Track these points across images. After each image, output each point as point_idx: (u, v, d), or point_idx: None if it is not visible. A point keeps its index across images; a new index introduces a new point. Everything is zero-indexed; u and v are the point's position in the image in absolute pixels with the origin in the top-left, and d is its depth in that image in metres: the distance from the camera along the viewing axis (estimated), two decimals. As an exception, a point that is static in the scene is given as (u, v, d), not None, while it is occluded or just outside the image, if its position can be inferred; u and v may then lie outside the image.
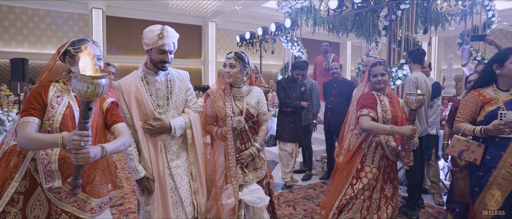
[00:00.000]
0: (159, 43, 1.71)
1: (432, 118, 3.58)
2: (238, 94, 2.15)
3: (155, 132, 1.77)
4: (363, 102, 2.12)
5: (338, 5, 4.79)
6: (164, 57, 1.76)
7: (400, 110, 2.22)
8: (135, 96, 1.77)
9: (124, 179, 4.33)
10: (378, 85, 2.17)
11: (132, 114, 1.76)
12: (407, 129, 1.95)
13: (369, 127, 2.00)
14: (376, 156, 2.15)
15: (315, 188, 3.99)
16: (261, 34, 6.97)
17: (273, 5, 13.27)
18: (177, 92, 1.89)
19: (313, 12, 6.47)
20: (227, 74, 2.09)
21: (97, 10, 12.20)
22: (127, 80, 1.80)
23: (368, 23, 5.88)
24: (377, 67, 2.17)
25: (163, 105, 1.84)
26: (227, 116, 2.05)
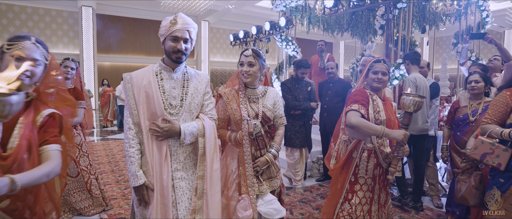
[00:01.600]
0: (172, 29, 1.55)
1: (431, 119, 3.52)
2: (253, 96, 1.99)
3: (162, 135, 1.55)
4: (354, 97, 1.95)
5: (334, 3, 4.71)
6: (177, 45, 1.56)
7: (393, 114, 2.06)
8: (146, 91, 1.58)
9: (114, 182, 4.17)
10: (376, 83, 2.00)
11: (139, 111, 1.58)
12: (399, 133, 1.76)
13: (356, 123, 1.81)
14: (370, 165, 1.97)
15: (311, 191, 3.90)
16: (255, 33, 6.86)
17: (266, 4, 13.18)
18: (192, 93, 1.69)
19: (308, 11, 6.39)
20: (245, 73, 1.90)
21: (87, 8, 11.93)
22: (140, 74, 1.63)
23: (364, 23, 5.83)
24: (380, 65, 2.00)
25: (175, 106, 1.63)
26: (243, 119, 1.87)
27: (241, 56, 1.93)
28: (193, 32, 1.62)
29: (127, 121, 1.60)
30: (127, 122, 1.59)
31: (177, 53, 1.58)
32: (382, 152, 1.94)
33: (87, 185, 2.86)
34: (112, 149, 6.28)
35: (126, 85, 1.61)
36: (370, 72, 2.02)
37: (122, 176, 4.40)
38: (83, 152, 2.88)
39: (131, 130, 1.58)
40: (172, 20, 1.56)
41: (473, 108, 2.83)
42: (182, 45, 1.57)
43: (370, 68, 2.03)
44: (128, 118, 1.60)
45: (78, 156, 2.84)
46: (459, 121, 2.90)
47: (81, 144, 2.87)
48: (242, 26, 15.67)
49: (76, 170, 2.82)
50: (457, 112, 2.98)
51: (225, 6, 12.95)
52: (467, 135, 2.77)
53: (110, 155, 5.69)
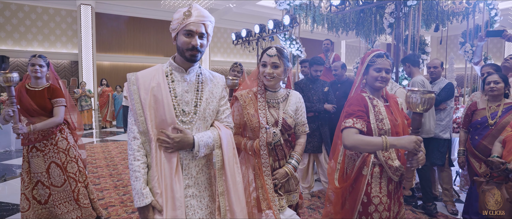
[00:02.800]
0: (185, 22, 1.33)
1: (445, 122, 3.36)
2: (273, 100, 1.76)
3: (172, 147, 1.33)
4: (349, 109, 1.64)
5: (341, 1, 4.55)
6: (192, 40, 1.34)
7: (401, 115, 1.75)
8: (154, 94, 1.35)
9: (112, 187, 4.01)
10: (379, 83, 1.67)
11: (146, 117, 1.34)
12: (407, 140, 1.41)
13: (353, 145, 1.52)
14: (383, 181, 1.67)
15: (319, 196, 3.74)
16: (258, 31, 6.69)
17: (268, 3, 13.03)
18: (208, 98, 1.46)
19: (313, 9, 6.23)
20: (268, 76, 1.67)
21: (86, 6, 11.75)
22: (147, 74, 1.40)
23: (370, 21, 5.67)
24: (383, 60, 1.67)
25: (188, 113, 1.40)
26: (261, 127, 1.66)
27: (264, 56, 1.70)
28: (209, 26, 1.40)
29: (132, 129, 1.37)
30: (132, 131, 1.36)
31: (191, 50, 1.36)
32: (391, 166, 1.63)
33: (74, 194, 2.61)
34: (111, 151, 6.12)
35: (131, 87, 1.38)
36: (371, 69, 1.69)
37: (120, 181, 4.24)
38: (70, 158, 2.62)
39: (136, 139, 1.36)
40: (186, 12, 1.34)
41: (492, 111, 2.67)
42: (197, 40, 1.35)
43: (371, 63, 1.70)
44: (132, 126, 1.37)
45: (65, 162, 2.60)
46: (477, 124, 2.74)
47: (68, 149, 2.63)
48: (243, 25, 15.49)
49: (62, 178, 2.57)
50: (475, 114, 2.82)
51: (226, 5, 12.78)
52: (486, 139, 2.61)
53: (108, 158, 5.52)
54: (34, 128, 2.43)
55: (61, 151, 2.58)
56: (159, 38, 13.85)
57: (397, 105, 1.79)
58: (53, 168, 2.55)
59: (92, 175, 4.46)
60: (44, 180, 2.55)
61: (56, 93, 2.58)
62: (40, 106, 2.51)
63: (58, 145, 2.57)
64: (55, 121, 2.53)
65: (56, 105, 2.57)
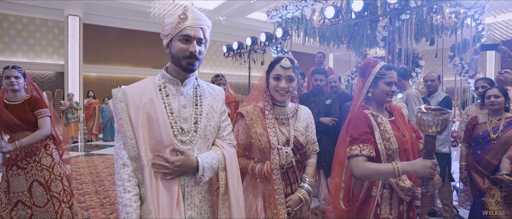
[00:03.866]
0: (181, 26, 1.17)
1: (444, 135, 3.32)
2: (282, 116, 1.58)
3: (173, 172, 1.13)
4: (353, 132, 1.49)
5: (335, 14, 4.55)
6: (189, 46, 1.17)
7: (408, 128, 1.63)
8: (147, 112, 1.16)
9: (98, 205, 3.78)
10: (389, 98, 1.56)
11: (138, 140, 1.13)
12: (421, 166, 1.30)
13: (363, 174, 1.40)
14: (394, 202, 1.55)
15: (316, 213, 3.61)
16: (250, 44, 6.65)
17: (257, 16, 13.12)
18: (208, 113, 1.28)
19: (305, 22, 6.24)
20: (283, 90, 1.49)
21: (74, 17, 11.53)
22: (137, 88, 1.20)
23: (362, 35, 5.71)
24: (393, 73, 1.55)
25: (188, 131, 1.22)
26: (272, 148, 1.46)
27: (277, 68, 1.50)
28: (207, 31, 1.25)
29: (120, 155, 1.15)
30: (120, 157, 1.15)
31: (189, 58, 1.18)
32: (403, 188, 1.51)
33: (58, 216, 2.41)
34: (96, 166, 5.85)
35: (117, 104, 1.17)
36: (381, 83, 1.55)
37: (107, 198, 4.01)
38: (55, 176, 2.42)
39: (126, 167, 1.14)
40: (181, 15, 1.18)
41: (493, 125, 2.64)
42: (195, 46, 1.18)
43: (380, 76, 1.56)
44: (121, 151, 1.15)
45: (49, 181, 2.40)
46: (478, 139, 2.70)
47: (52, 166, 2.43)
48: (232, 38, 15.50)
49: (45, 197, 2.37)
50: (476, 129, 2.78)
51: (216, 18, 12.79)
52: (489, 154, 2.57)
53: (94, 173, 5.27)
54: (20, 145, 2.25)
55: (45, 168, 2.38)
56: (147, 49, 13.69)
57: (403, 118, 1.68)
58: (35, 186, 2.35)
59: (76, 192, 4.21)
60: (26, 200, 2.34)
61: (38, 104, 2.41)
62: (23, 120, 2.33)
63: (42, 162, 2.38)
64: (42, 133, 2.36)
65: (40, 117, 2.39)
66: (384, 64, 1.60)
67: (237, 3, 10.96)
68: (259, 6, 11.28)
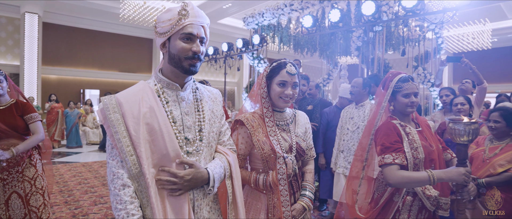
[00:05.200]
0: (182, 23, 1.05)
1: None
2: (282, 122, 1.52)
3: (182, 187, 1.04)
4: (385, 141, 1.52)
5: (312, 23, 4.73)
6: (192, 46, 1.07)
7: (435, 139, 1.66)
8: (148, 123, 1.04)
9: (70, 216, 3.56)
10: (410, 109, 1.59)
11: (140, 155, 1.01)
12: (456, 173, 1.34)
13: (398, 182, 1.43)
14: (414, 210, 1.56)
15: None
16: (226, 50, 6.67)
17: (229, 22, 13.15)
18: (210, 118, 1.20)
19: (280, 29, 6.39)
20: (288, 97, 1.43)
21: (32, 15, 10.77)
22: (132, 96, 1.07)
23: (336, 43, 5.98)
24: (410, 85, 1.59)
25: (193, 140, 1.12)
26: (277, 157, 1.38)
27: (283, 74, 1.42)
28: (208, 30, 1.17)
29: (118, 174, 1.01)
30: (118, 176, 1.01)
31: (191, 59, 1.08)
32: (429, 197, 1.53)
33: None
34: (62, 174, 5.49)
35: (111, 115, 1.03)
36: (399, 96, 1.61)
37: (79, 209, 3.79)
38: (36, 189, 2.24)
39: (126, 188, 1.01)
40: (181, 11, 1.06)
41: (460, 130, 2.91)
42: (199, 46, 1.10)
43: (397, 90, 1.61)
44: (118, 170, 1.02)
45: (29, 194, 2.22)
46: (448, 142, 2.95)
47: (35, 178, 2.26)
48: (203, 43, 15.39)
49: (22, 212, 2.20)
50: (445, 133, 3.04)
51: (188, 22, 12.62)
52: (458, 157, 2.82)
53: (61, 183, 4.94)
54: (17, 151, 2.11)
55: (27, 180, 2.21)
56: (115, 52, 13.14)
57: (430, 129, 1.70)
58: (14, 199, 2.18)
59: (43, 203, 3.93)
60: (1, 213, 2.16)
61: (27, 108, 2.28)
62: (11, 126, 2.18)
63: (24, 172, 2.22)
64: (38, 138, 2.24)
65: (31, 122, 2.27)
66: (400, 77, 1.64)
67: (209, 7, 10.92)
68: (232, 12, 11.33)
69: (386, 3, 4.17)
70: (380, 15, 4.10)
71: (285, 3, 5.58)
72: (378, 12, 3.98)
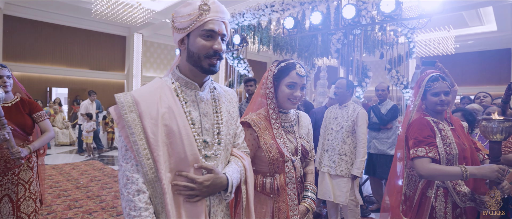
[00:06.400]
0: (203, 19, 0.99)
1: (392, 139, 3.74)
2: (286, 123, 1.49)
3: (200, 193, 0.99)
4: (418, 135, 1.54)
5: (294, 25, 4.80)
6: (213, 43, 1.01)
7: (468, 139, 1.68)
8: (166, 124, 0.98)
9: (45, 221, 3.36)
10: (440, 107, 1.62)
11: (157, 159, 0.95)
12: (489, 169, 1.35)
13: (430, 174, 1.45)
14: (449, 205, 1.56)
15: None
16: (205, 49, 6.60)
17: (206, 21, 13.02)
18: (227, 120, 1.14)
19: (261, 30, 6.43)
20: (297, 99, 1.41)
21: (-7, 7, 10.04)
22: (149, 94, 1.00)
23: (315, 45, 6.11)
24: (440, 84, 1.62)
25: (212, 144, 1.07)
26: (285, 160, 1.36)
27: (293, 75, 1.39)
28: (229, 26, 1.11)
29: (132, 179, 0.95)
30: (133, 181, 0.95)
31: (211, 58, 1.02)
32: (459, 192, 1.53)
33: None
34: (30, 177, 5.17)
35: (127, 115, 0.96)
36: (429, 94, 1.65)
37: (52, 214, 3.58)
38: (30, 194, 2.10)
39: (141, 193, 0.95)
40: (202, 5, 1.00)
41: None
42: (221, 44, 1.04)
43: (427, 89, 1.66)
44: (133, 174, 0.96)
45: (22, 199, 2.06)
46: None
47: (30, 182, 2.10)
48: (178, 41, 15.11)
49: (10, 217, 2.05)
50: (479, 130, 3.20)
51: (163, 20, 12.34)
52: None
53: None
54: (33, 148, 2.04)
55: (22, 183, 2.06)
56: (85, 49, 12.55)
57: (463, 129, 1.73)
58: (4, 203, 2.03)
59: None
60: None
61: (35, 106, 2.21)
62: (20, 125, 2.08)
63: (20, 175, 2.07)
64: (50, 136, 2.18)
65: (41, 120, 2.20)
66: (431, 76, 1.68)
67: (186, 6, 10.75)
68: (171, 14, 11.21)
69: (365, 7, 4.33)
70: (359, 19, 4.25)
71: (266, 4, 5.62)
72: (357, 16, 4.13)
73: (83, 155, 7.24)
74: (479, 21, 11.80)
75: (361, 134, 2.88)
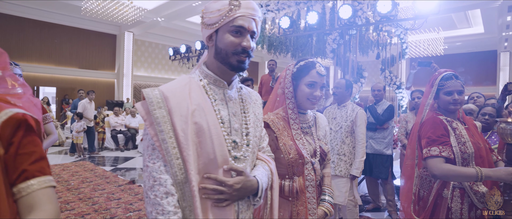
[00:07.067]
0: (232, 15, 0.96)
1: (388, 139, 3.76)
2: (305, 124, 1.45)
3: (231, 197, 0.95)
4: (431, 134, 1.51)
5: (290, 24, 4.79)
6: (242, 40, 0.98)
7: (482, 139, 1.64)
8: (196, 122, 0.93)
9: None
10: (453, 106, 1.59)
11: (187, 159, 0.90)
12: (505, 172, 1.34)
13: (444, 174, 1.41)
14: (465, 206, 1.53)
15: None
16: (199, 48, 6.53)
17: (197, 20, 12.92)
18: (254, 121, 1.10)
19: (255, 30, 6.41)
20: (317, 98, 1.37)
21: (-23, 3, 9.74)
22: (178, 90, 0.96)
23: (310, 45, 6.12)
24: (453, 82, 1.59)
25: (241, 145, 1.02)
26: (305, 162, 1.32)
27: (313, 74, 1.36)
28: (259, 24, 1.06)
29: (160, 180, 0.89)
30: (161, 182, 0.89)
31: (240, 55, 0.98)
32: (477, 192, 1.50)
33: None
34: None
35: (155, 111, 0.91)
36: (442, 93, 1.62)
37: None
38: None
39: (170, 196, 0.89)
40: (232, 1, 0.96)
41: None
42: (250, 41, 0.99)
43: (440, 88, 1.63)
44: (161, 175, 0.90)
45: None
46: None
47: None
48: (169, 41, 14.94)
49: None
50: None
51: (154, 19, 12.19)
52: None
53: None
54: None
55: None
56: (74, 47, 12.29)
57: (476, 128, 1.70)
58: None
59: None
60: None
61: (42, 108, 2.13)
62: None
63: None
64: (54, 139, 2.16)
65: (47, 122, 2.19)
66: (444, 75, 1.64)
67: (178, 5, 10.63)
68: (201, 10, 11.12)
69: (361, 8, 4.35)
70: (355, 19, 4.27)
71: (261, 4, 5.59)
72: (354, 16, 4.14)
73: (73, 156, 7.08)
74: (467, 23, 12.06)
75: (360, 134, 2.88)
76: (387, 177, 3.75)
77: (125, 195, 4.29)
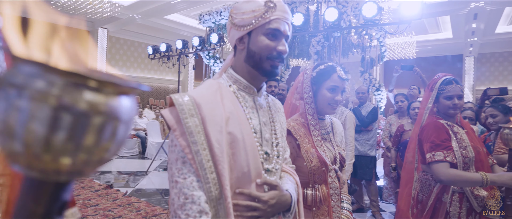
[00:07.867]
0: (268, 17, 0.89)
1: (372, 141, 3.83)
2: (323, 130, 1.40)
3: (265, 214, 0.87)
4: (435, 139, 1.52)
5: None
6: (278, 44, 0.91)
7: (480, 143, 1.67)
8: (230, 132, 0.85)
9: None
10: (453, 111, 1.61)
11: (222, 173, 0.81)
12: (509, 178, 1.38)
13: (450, 179, 1.44)
14: (463, 210, 1.55)
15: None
16: (181, 47, 6.36)
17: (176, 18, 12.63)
18: (281, 131, 1.04)
19: (238, 30, 6.34)
20: (337, 103, 1.33)
21: None
22: (209, 96, 0.87)
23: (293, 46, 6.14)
24: (453, 87, 1.61)
25: (272, 157, 0.95)
26: (328, 169, 1.28)
27: (334, 78, 1.32)
28: (291, 29, 1.01)
29: (193, 197, 0.79)
30: (193, 200, 0.78)
31: (274, 60, 0.92)
32: (477, 196, 1.52)
33: None
34: None
35: (187, 119, 0.81)
36: (442, 98, 1.65)
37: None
38: None
39: (203, 215, 0.79)
40: (268, 3, 0.90)
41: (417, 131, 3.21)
42: (285, 45, 0.95)
43: (440, 92, 1.65)
44: (194, 192, 0.79)
45: None
46: (406, 143, 3.23)
47: None
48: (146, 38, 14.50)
49: None
50: (403, 135, 3.32)
51: (130, 15, 11.78)
52: (415, 156, 3.11)
53: None
54: None
55: None
56: (42, 43, 11.62)
57: (474, 133, 1.72)
58: None
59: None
60: None
61: None
62: None
63: None
64: None
65: None
66: (444, 79, 1.66)
67: (156, 2, 10.34)
68: (180, 8, 10.86)
69: (345, 11, 4.40)
70: (340, 22, 4.32)
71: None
72: (339, 19, 4.19)
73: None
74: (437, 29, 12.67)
75: (349, 137, 2.90)
76: (371, 178, 3.82)
77: (102, 201, 4.07)
